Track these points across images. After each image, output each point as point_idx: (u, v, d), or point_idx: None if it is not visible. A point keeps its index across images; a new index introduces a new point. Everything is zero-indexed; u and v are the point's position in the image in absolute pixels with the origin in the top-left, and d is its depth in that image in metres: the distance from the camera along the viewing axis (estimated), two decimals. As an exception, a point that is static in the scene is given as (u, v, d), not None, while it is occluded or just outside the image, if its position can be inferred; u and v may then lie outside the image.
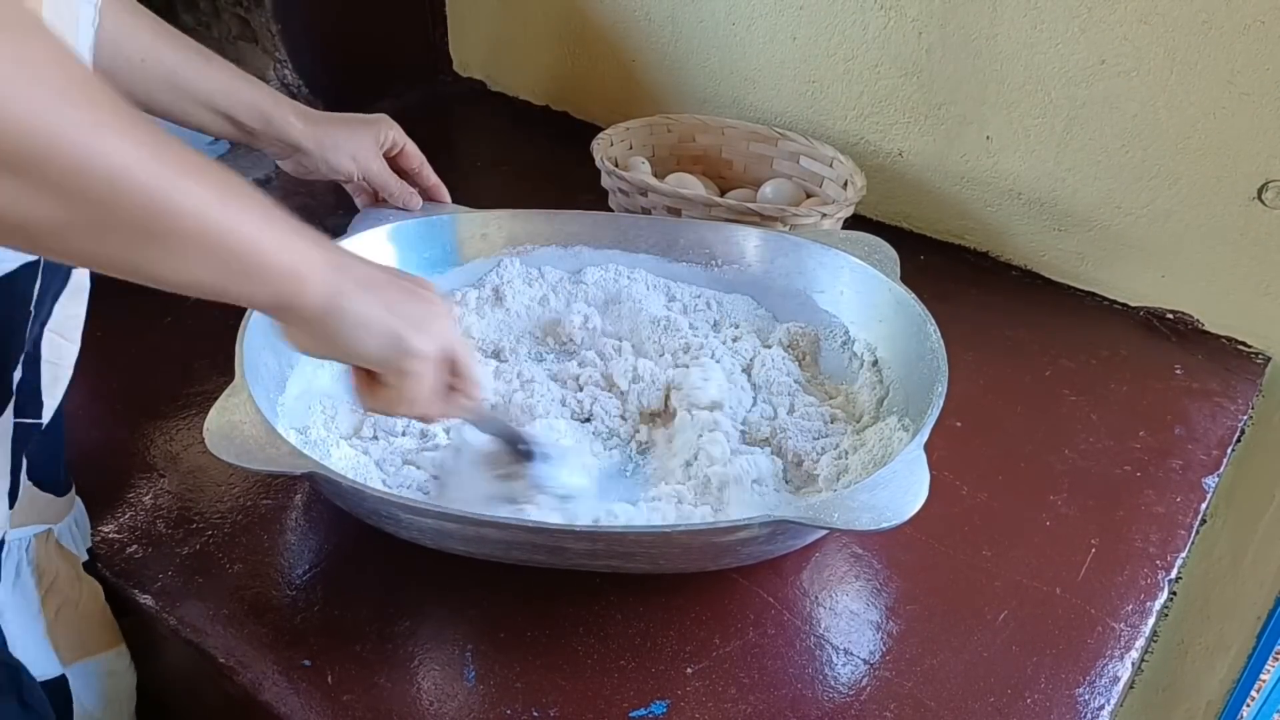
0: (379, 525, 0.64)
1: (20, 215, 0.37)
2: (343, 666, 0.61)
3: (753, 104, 1.10)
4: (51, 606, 0.64)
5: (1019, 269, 1.00)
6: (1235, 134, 0.83)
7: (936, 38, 0.93)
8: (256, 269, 0.45)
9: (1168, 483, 0.76)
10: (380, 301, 0.52)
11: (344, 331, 0.51)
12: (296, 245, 0.47)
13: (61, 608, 0.64)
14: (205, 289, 0.44)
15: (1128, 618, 0.65)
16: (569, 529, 0.63)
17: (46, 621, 0.63)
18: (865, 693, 0.60)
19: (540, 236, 0.87)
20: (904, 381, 0.74)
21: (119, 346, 0.86)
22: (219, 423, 0.60)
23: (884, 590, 0.67)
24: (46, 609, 0.64)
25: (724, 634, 0.64)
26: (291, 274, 0.47)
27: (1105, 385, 0.85)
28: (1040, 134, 0.92)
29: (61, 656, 0.64)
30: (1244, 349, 0.90)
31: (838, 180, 0.98)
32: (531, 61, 1.28)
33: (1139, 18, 0.83)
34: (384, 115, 0.85)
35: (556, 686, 0.60)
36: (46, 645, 0.63)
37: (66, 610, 0.65)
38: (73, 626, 0.65)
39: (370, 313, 0.51)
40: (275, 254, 0.46)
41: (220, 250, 0.43)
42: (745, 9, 1.04)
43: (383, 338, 0.52)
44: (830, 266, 0.82)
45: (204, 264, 0.43)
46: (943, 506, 0.71)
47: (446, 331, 0.56)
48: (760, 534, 0.60)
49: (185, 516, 0.71)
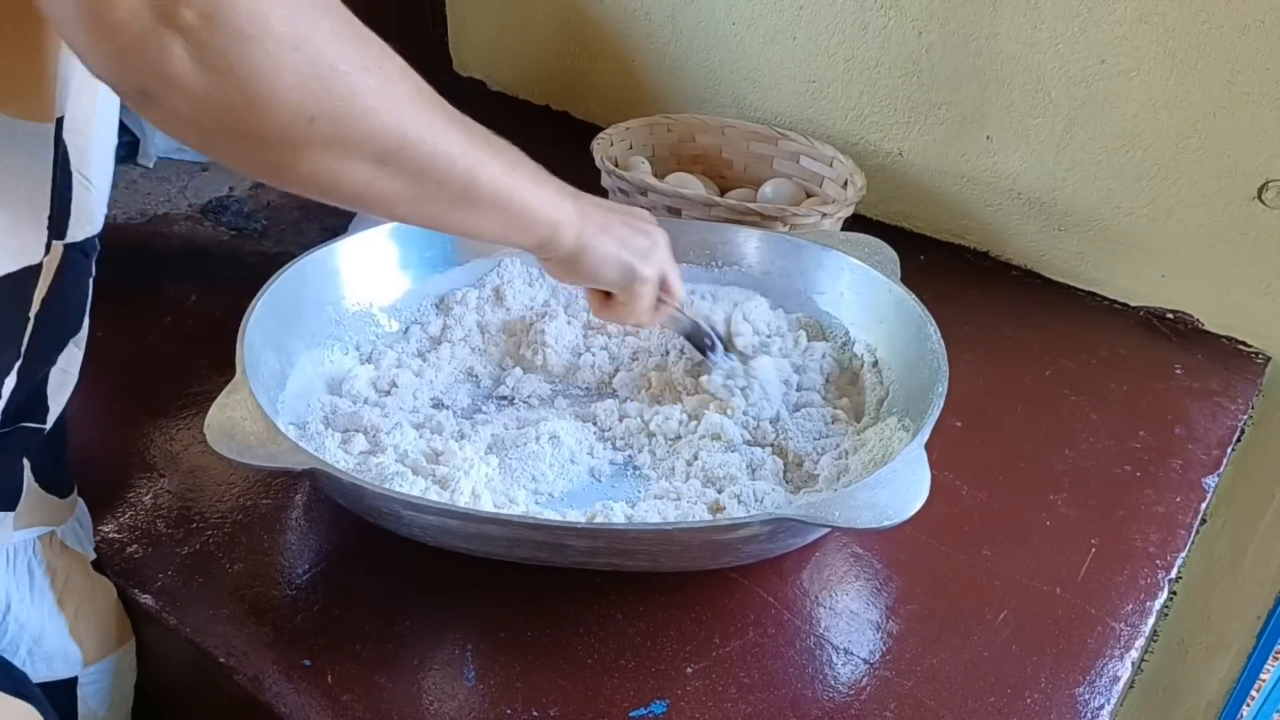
0: (379, 523, 0.64)
1: (378, 192, 0.49)
2: (343, 666, 0.61)
3: (753, 104, 1.10)
4: (70, 607, 0.64)
5: (1019, 269, 1.00)
6: (1235, 134, 0.83)
7: (936, 37, 0.93)
8: (530, 221, 0.59)
9: (1168, 482, 0.76)
10: (615, 239, 0.65)
11: (591, 265, 0.65)
12: (556, 200, 0.60)
13: (80, 608, 0.65)
14: (491, 237, 0.58)
15: (1128, 617, 0.65)
16: (570, 526, 0.63)
17: (68, 622, 0.64)
18: (865, 693, 0.60)
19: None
20: (904, 381, 0.74)
21: (119, 346, 0.86)
22: (219, 419, 0.60)
23: (884, 590, 0.67)
24: (65, 609, 0.64)
25: (724, 634, 0.64)
26: (552, 224, 0.60)
27: (1105, 385, 0.85)
28: (1040, 134, 0.92)
29: (86, 656, 0.65)
30: (1244, 349, 0.90)
31: (838, 180, 0.98)
32: (531, 61, 1.28)
33: (1139, 18, 0.83)
34: None
35: (556, 686, 0.60)
36: (72, 645, 0.64)
37: (84, 610, 0.65)
38: (92, 625, 0.65)
39: (608, 249, 0.65)
40: (542, 209, 0.59)
41: (507, 210, 0.56)
42: (745, 9, 1.04)
43: (619, 269, 0.66)
44: (830, 267, 0.82)
45: (494, 220, 0.56)
46: (943, 506, 0.71)
47: (663, 258, 0.70)
48: (761, 532, 0.60)
49: (185, 516, 0.71)
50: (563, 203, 0.61)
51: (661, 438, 0.75)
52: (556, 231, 0.61)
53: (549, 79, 1.27)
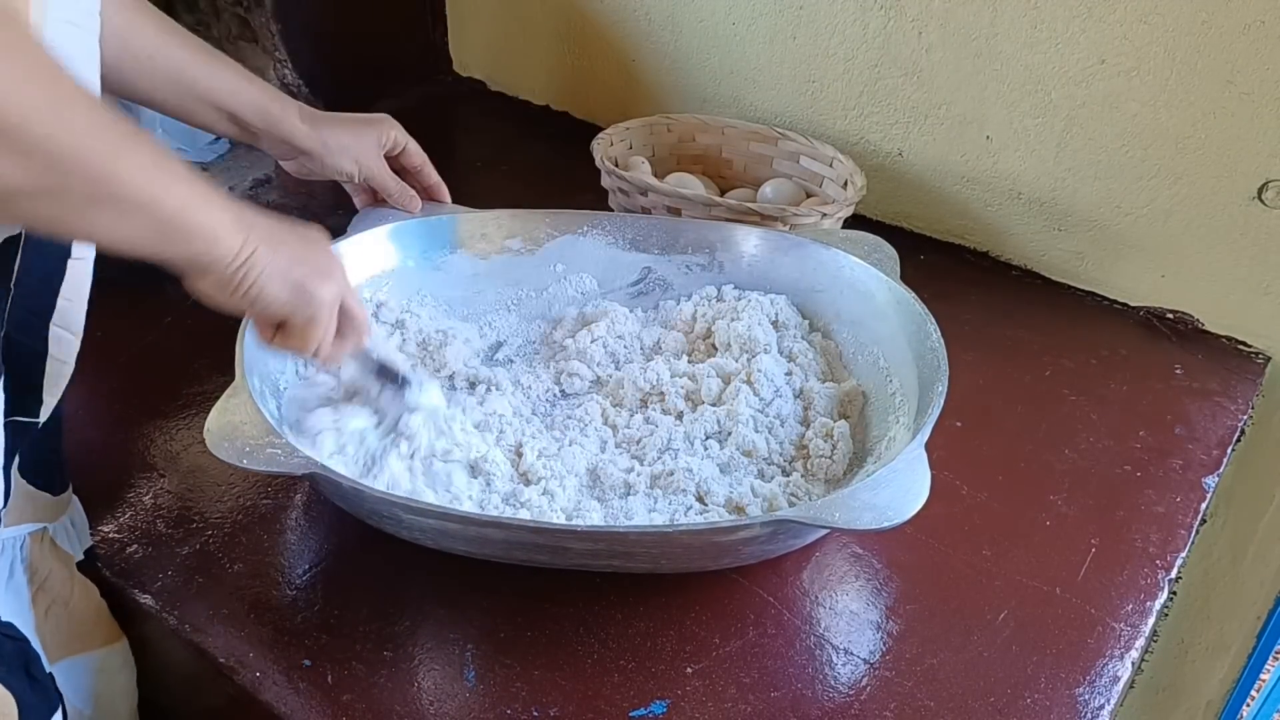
0: (379, 525, 0.64)
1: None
2: (343, 666, 0.61)
3: (753, 104, 1.10)
4: (42, 605, 0.64)
5: (1019, 269, 1.00)
6: (1235, 134, 0.83)
7: (936, 37, 0.93)
8: (180, 230, 0.51)
9: (1168, 483, 0.76)
10: (286, 255, 0.57)
11: (257, 284, 0.56)
12: (213, 210, 0.52)
13: (51, 606, 0.64)
14: (139, 249, 0.50)
15: (1128, 617, 0.65)
16: (571, 529, 0.63)
17: (35, 619, 0.63)
18: (865, 693, 0.60)
19: (540, 236, 0.87)
20: (904, 381, 0.74)
21: (119, 346, 0.86)
22: (219, 423, 0.60)
23: (884, 590, 0.67)
24: (37, 607, 0.64)
25: (724, 634, 0.64)
26: (209, 234, 0.52)
27: (1105, 385, 0.85)
28: (1040, 134, 0.92)
29: (48, 654, 0.64)
30: (1244, 349, 0.90)
31: (838, 180, 0.98)
32: (531, 61, 1.28)
33: (1139, 17, 0.83)
34: (386, 115, 0.85)
35: (556, 686, 0.60)
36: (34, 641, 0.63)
37: (56, 609, 0.65)
38: (60, 625, 0.65)
39: (276, 266, 0.56)
40: (195, 215, 0.51)
41: (153, 214, 0.49)
42: (745, 9, 1.04)
43: (289, 288, 0.58)
44: (830, 266, 0.82)
45: (138, 226, 0.49)
46: (943, 506, 0.71)
47: (341, 279, 0.62)
48: (762, 534, 0.60)
49: (185, 516, 0.71)
50: (222, 213, 0.53)
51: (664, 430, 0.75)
52: (214, 243, 0.53)
53: (549, 79, 1.27)
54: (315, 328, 0.60)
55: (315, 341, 0.61)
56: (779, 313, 0.83)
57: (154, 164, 0.49)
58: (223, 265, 0.54)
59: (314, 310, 0.60)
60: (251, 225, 0.55)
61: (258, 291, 0.56)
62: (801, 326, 0.83)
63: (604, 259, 0.87)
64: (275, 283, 0.57)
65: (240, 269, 0.55)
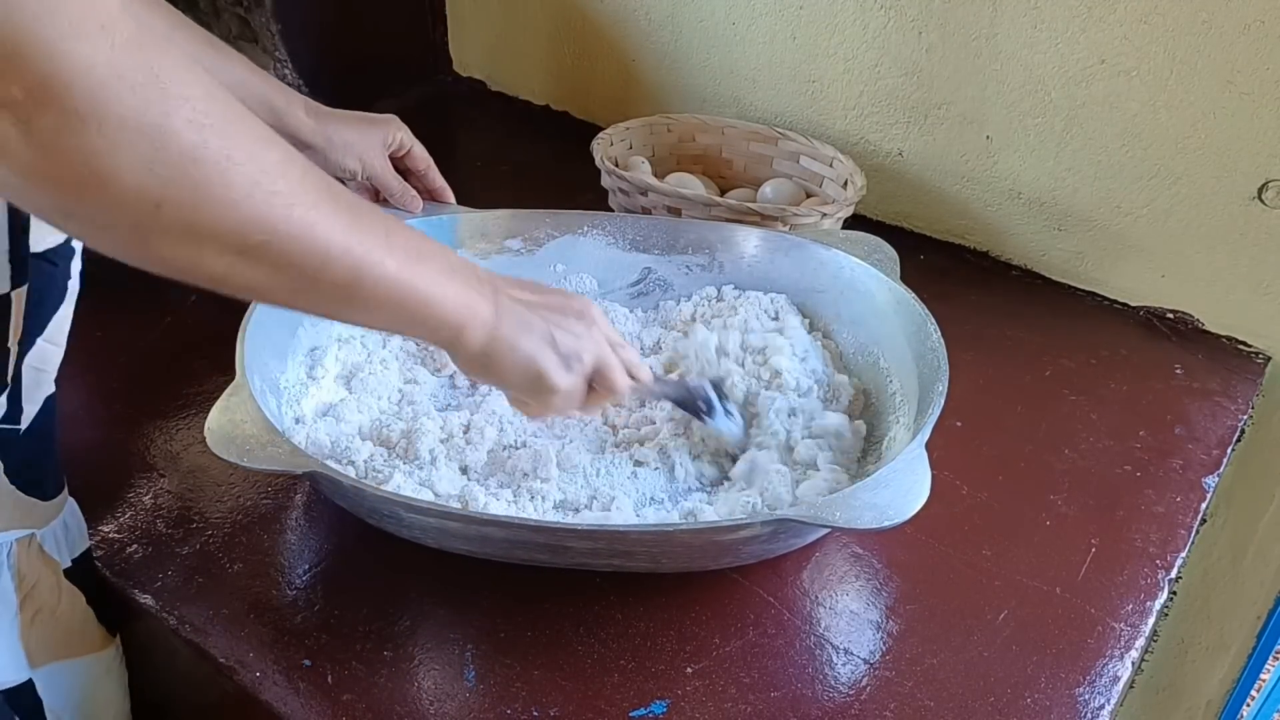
0: (380, 525, 0.64)
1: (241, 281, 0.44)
2: (343, 666, 0.61)
3: (753, 104, 1.10)
4: (29, 612, 0.63)
5: (1019, 269, 1.00)
6: (1235, 134, 0.83)
7: (936, 37, 0.93)
8: (431, 319, 0.53)
9: (1168, 482, 0.76)
10: (532, 340, 0.58)
11: (500, 367, 0.57)
12: (465, 296, 0.54)
13: (38, 614, 0.64)
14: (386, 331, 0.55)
15: (1128, 617, 0.65)
16: (571, 528, 0.63)
17: (21, 626, 0.63)
18: (865, 693, 0.60)
19: (540, 236, 0.87)
20: (904, 381, 0.74)
21: (119, 346, 0.86)
22: (220, 422, 0.60)
23: (884, 590, 0.67)
24: (24, 614, 0.63)
25: (724, 634, 0.64)
26: (458, 323, 0.54)
27: (1105, 385, 0.85)
28: (1040, 134, 0.92)
29: (31, 660, 0.64)
30: (1244, 349, 0.90)
31: (838, 180, 0.98)
32: (531, 61, 1.28)
33: (1139, 18, 0.83)
34: (393, 116, 0.85)
35: (556, 686, 0.60)
36: (18, 649, 0.63)
37: (43, 616, 0.64)
38: (46, 632, 0.65)
39: (518, 355, 0.57)
40: (442, 307, 0.53)
41: (403, 307, 0.51)
42: (745, 9, 1.04)
43: (527, 377, 0.58)
44: (830, 266, 0.82)
45: (388, 317, 0.52)
46: (943, 506, 0.71)
47: (592, 354, 0.61)
48: (762, 533, 0.60)
49: (185, 516, 0.71)
50: (475, 301, 0.55)
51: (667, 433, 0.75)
52: (460, 333, 0.55)
53: (549, 79, 1.27)
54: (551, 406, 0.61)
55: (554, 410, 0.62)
56: (779, 313, 0.83)
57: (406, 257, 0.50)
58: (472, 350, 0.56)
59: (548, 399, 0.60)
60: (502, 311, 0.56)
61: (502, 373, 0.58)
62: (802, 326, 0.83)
63: (604, 259, 0.87)
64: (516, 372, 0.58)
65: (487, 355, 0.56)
